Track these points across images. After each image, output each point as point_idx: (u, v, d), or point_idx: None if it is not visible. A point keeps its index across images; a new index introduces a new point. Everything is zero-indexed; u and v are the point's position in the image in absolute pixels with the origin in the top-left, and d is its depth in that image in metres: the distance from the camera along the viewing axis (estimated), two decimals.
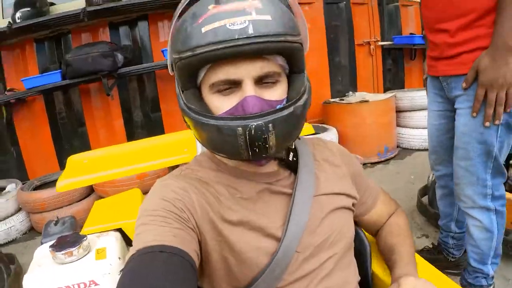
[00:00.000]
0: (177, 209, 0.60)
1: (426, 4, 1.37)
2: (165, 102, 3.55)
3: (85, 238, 1.18)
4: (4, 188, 3.08)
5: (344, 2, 3.95)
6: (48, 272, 1.13)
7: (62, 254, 1.14)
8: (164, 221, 0.58)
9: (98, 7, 2.75)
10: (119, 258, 1.13)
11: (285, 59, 0.62)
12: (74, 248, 1.14)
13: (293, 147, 0.74)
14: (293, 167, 0.73)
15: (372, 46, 4.18)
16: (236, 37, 0.53)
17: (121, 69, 3.02)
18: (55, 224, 1.46)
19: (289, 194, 0.70)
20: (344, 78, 4.15)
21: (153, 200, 0.62)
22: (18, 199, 2.90)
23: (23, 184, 3.09)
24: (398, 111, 3.70)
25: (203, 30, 0.54)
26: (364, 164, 3.43)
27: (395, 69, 4.45)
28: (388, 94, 3.64)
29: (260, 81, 0.59)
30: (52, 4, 3.00)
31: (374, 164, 3.47)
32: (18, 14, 2.69)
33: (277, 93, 0.61)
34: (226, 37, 0.53)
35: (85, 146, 3.50)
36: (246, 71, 0.57)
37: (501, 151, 1.26)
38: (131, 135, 3.57)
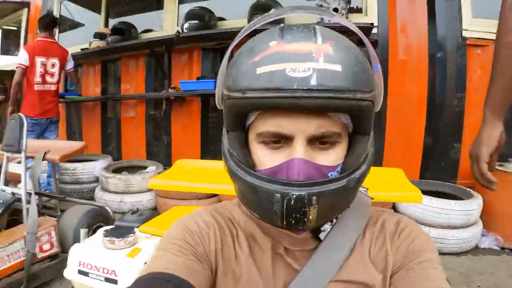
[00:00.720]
0: (194, 242, 0.59)
1: None
2: None
3: (131, 235, 1.25)
4: (146, 167, 3.59)
5: None
6: (91, 248, 1.26)
7: (107, 239, 1.24)
8: (180, 251, 0.57)
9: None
10: (145, 263, 1.16)
11: (350, 117, 0.52)
12: (117, 239, 1.23)
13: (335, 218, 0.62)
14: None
15: None
16: (295, 87, 0.44)
17: None
18: (132, 214, 1.59)
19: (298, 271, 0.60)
20: (510, 140, 3.28)
21: (178, 228, 0.62)
22: None
23: (164, 169, 3.53)
24: None
25: (258, 71, 0.47)
26: (502, 248, 2.74)
27: None
28: None
29: (316, 140, 0.50)
30: (221, 19, 3.35)
31: None
32: (186, 25, 3.11)
33: (332, 157, 0.52)
34: (282, 84, 0.45)
35: None
36: (300, 128, 0.49)
37: None
38: None
